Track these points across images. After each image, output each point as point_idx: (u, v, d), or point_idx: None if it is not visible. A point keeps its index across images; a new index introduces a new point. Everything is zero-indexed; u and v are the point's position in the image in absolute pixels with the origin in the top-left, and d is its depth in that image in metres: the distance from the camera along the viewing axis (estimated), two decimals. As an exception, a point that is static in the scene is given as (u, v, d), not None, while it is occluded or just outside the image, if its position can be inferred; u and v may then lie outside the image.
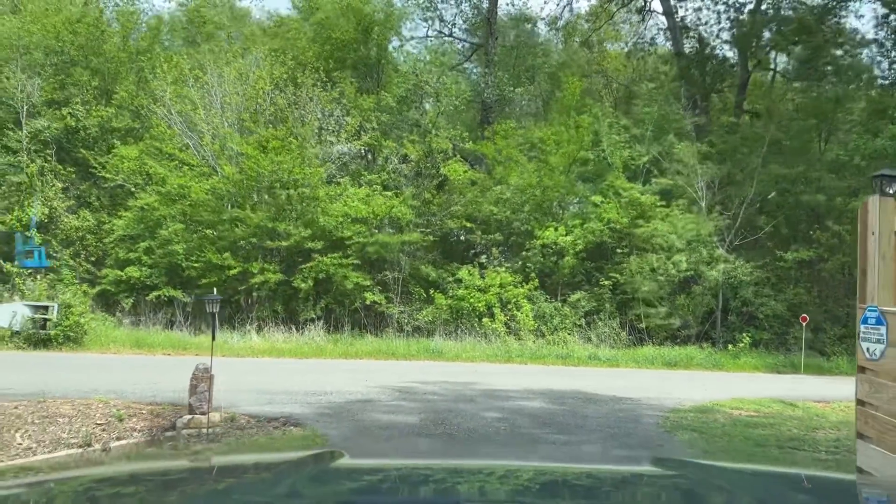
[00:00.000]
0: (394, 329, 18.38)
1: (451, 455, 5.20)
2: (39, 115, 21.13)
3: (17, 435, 6.09)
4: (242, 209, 17.72)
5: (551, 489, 1.68)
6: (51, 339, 12.92)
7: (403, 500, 1.43)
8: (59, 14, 22.20)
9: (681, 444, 5.82)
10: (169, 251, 17.54)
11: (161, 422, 6.23)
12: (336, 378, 9.69)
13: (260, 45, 22.89)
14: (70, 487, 1.63)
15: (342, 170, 20.48)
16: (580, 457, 5.47)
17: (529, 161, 20.52)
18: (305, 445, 5.42)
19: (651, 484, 1.72)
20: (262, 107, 20.21)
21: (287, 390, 8.04)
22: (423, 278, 19.20)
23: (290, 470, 1.81)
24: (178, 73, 20.85)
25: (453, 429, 6.21)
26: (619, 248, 19.26)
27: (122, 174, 19.69)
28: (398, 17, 23.78)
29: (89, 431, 6.01)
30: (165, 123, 19.83)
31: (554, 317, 18.48)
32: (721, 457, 5.44)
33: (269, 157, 17.65)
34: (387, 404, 7.50)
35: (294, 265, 17.85)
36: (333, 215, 17.68)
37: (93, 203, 21.31)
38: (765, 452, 5.44)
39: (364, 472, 1.84)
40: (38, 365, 10.37)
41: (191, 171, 18.90)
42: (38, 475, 2.12)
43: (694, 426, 6.42)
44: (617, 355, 16.22)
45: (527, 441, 5.84)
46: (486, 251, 19.50)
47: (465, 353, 15.55)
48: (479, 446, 5.58)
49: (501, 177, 20.15)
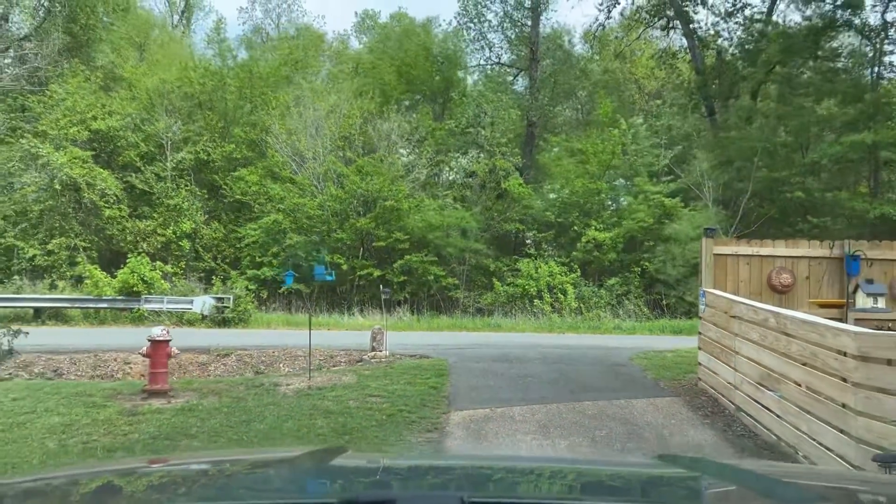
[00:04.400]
0: (461, 310, 23.55)
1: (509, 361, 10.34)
2: (179, 149, 27.05)
3: (280, 366, 11.51)
4: (346, 219, 23.16)
5: (558, 484, 1.67)
6: (227, 321, 18.58)
7: (406, 496, 1.34)
8: (187, 68, 28.05)
9: (633, 364, 10.79)
10: (292, 255, 23.12)
11: (354, 357, 11.56)
12: (434, 338, 14.91)
13: (347, 82, 28.36)
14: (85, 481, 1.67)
15: (420, 185, 25.73)
16: (580, 369, 10.42)
17: (573, 169, 25.39)
18: (436, 365, 10.54)
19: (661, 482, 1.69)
20: (353, 136, 25.63)
21: (412, 343, 13.22)
22: (485, 269, 24.34)
23: (294, 464, 1.79)
24: (283, 108, 26.52)
25: (511, 358, 11.29)
26: (647, 241, 24.00)
27: (248, 195, 25.43)
28: (459, 54, 28.86)
29: (316, 362, 11.33)
30: (276, 152, 25.46)
31: (591, 298, 23.34)
32: (655, 370, 10.32)
33: (365, 179, 23.01)
34: (474, 350, 12.62)
35: (386, 261, 23.20)
36: (416, 223, 22.93)
37: (221, 217, 27.20)
38: (668, 370, 10.36)
39: (367, 467, 1.87)
40: (237, 336, 15.87)
41: (300, 190, 24.46)
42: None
43: (645, 359, 11.31)
44: (636, 326, 20.98)
45: (549, 362, 10.88)
46: (536, 246, 24.52)
47: (518, 327, 20.57)
48: (524, 365, 10.64)
49: (553, 183, 25.15)
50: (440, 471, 1.80)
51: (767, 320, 6.83)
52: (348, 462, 1.87)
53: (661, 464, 1.93)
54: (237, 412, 7.56)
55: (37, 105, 26.08)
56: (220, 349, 12.18)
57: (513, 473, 1.75)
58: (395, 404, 7.92)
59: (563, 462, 2.39)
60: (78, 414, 7.30)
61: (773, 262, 9.18)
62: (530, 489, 1.59)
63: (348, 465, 1.81)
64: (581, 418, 7.39)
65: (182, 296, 18.94)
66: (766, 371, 6.84)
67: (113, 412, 7.50)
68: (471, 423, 7.23)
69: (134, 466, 2.01)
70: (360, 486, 1.57)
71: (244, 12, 48.76)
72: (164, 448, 6.13)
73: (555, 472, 1.81)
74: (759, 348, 7.04)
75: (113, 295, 18.25)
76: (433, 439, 6.62)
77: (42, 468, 5.40)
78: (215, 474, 1.75)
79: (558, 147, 26.33)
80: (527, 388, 8.97)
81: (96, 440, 6.40)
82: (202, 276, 24.93)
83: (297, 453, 1.93)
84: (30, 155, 24.44)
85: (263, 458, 2.10)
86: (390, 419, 7.30)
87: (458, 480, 1.67)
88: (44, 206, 24.25)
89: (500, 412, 7.70)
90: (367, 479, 1.67)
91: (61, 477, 1.73)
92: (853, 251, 8.84)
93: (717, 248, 9.22)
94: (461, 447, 6.41)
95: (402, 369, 10.23)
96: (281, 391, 8.76)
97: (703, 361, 9.03)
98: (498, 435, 6.79)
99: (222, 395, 8.42)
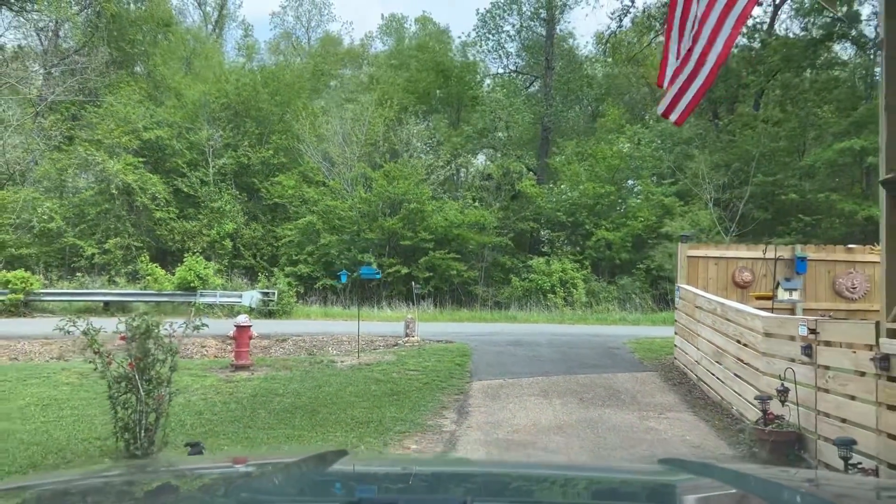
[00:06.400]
0: (480, 304, 25.70)
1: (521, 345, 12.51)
2: (220, 156, 29.43)
3: (329, 349, 13.74)
4: (375, 220, 25.40)
5: (562, 491, 1.66)
6: (273, 312, 20.89)
7: (408, 500, 1.36)
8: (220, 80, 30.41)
9: (625, 348, 12.89)
10: (326, 253, 25.41)
11: (390, 341, 13.77)
12: (456, 327, 17.07)
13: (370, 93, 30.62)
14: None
15: (441, 187, 27.91)
16: (580, 352, 12.50)
17: (583, 172, 27.43)
18: (459, 348, 12.68)
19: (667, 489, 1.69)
20: (378, 142, 27.86)
21: (438, 331, 15.37)
22: (502, 266, 26.48)
23: (295, 468, 1.78)
24: (312, 117, 28.83)
25: (523, 343, 13.41)
26: (650, 239, 25.96)
27: (285, 198, 27.77)
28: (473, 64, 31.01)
29: (358, 346, 13.53)
30: (309, 157, 27.77)
31: (601, 292, 25.37)
32: (642, 352, 12.40)
33: (392, 183, 25.22)
34: (491, 337, 14.76)
35: (412, 258, 25.40)
36: (438, 222, 25.10)
37: (259, 218, 29.59)
38: (653, 352, 12.43)
39: (368, 471, 1.89)
40: (284, 325, 18.13)
41: (332, 193, 26.73)
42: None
43: (636, 344, 13.39)
44: (640, 318, 22.96)
45: (555, 346, 13.00)
46: (550, 244, 26.60)
47: (532, 318, 22.65)
48: (533, 348, 12.77)
49: (564, 185, 27.22)
50: (442, 475, 1.81)
51: (716, 309, 8.89)
52: (350, 466, 1.88)
53: (669, 470, 1.91)
54: (308, 380, 9.79)
55: (92, 115, 28.57)
56: (277, 335, 14.43)
57: (516, 479, 1.76)
58: (428, 376, 10.10)
59: (568, 468, 2.39)
60: (187, 381, 9.53)
61: (736, 262, 11.21)
62: (533, 495, 1.59)
63: (350, 469, 1.82)
64: (574, 386, 9.51)
65: (233, 290, 21.28)
66: (716, 348, 8.90)
67: (214, 380, 9.76)
68: (488, 389, 9.38)
69: (138, 470, 2.04)
70: (362, 490, 1.59)
71: (276, 16, 51.13)
72: (264, 401, 8.35)
73: (559, 478, 1.81)
74: (712, 331, 9.10)
75: (172, 290, 20.63)
76: (460, 398, 8.79)
77: (173, 416, 7.41)
78: (217, 478, 1.78)
79: (569, 151, 28.48)
80: (533, 365, 11.10)
81: (211, 397, 8.64)
82: (243, 273, 27.35)
83: (298, 457, 1.92)
84: (86, 162, 26.97)
85: (265, 462, 2.13)
86: (426, 386, 9.48)
87: (460, 485, 1.67)
88: (100, 209, 26.74)
89: (511, 382, 9.85)
90: (369, 483, 1.68)
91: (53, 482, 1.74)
92: (801, 254, 10.84)
93: (690, 251, 11.26)
94: (480, 404, 8.53)
95: (431, 351, 12.41)
96: (337, 366, 10.99)
97: (678, 344, 11.09)
98: (509, 397, 8.92)
99: (292, 369, 10.67)
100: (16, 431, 6.76)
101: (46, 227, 25.62)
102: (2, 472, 5.41)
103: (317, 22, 45.52)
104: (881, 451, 4.87)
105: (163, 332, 5.70)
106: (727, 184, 25.57)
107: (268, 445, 6.44)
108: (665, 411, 8.25)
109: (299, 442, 6.57)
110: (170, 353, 5.70)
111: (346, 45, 43.43)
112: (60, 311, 20.43)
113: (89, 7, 33.45)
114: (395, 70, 33.17)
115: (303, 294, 25.35)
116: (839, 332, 5.65)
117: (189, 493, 1.57)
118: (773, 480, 1.65)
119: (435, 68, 29.56)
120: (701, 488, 1.65)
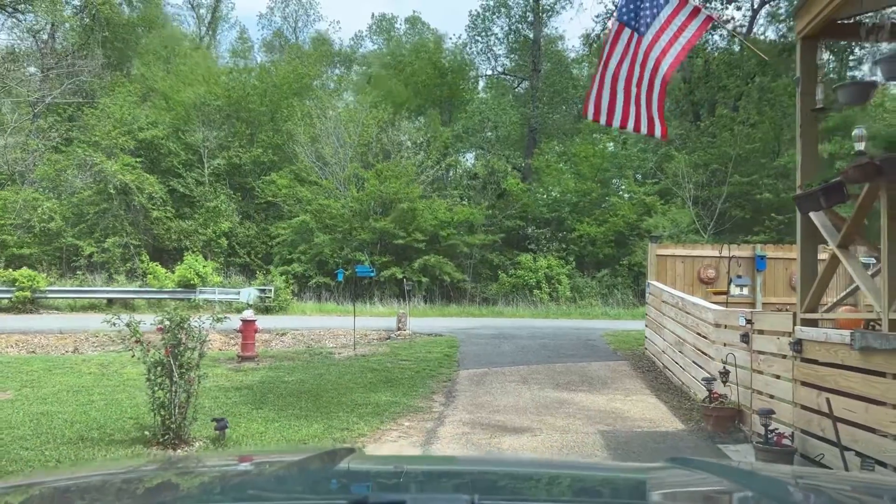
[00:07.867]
0: (468, 299, 26.67)
1: (505, 338, 13.50)
2: (214, 156, 30.20)
3: (326, 342, 14.66)
4: (366, 220, 26.29)
5: (569, 489, 1.67)
6: (269, 308, 21.75)
7: (415, 498, 1.34)
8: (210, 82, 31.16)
9: (601, 339, 13.90)
10: (319, 252, 26.26)
11: (383, 335, 14.71)
12: (445, 322, 18.03)
13: (362, 95, 31.49)
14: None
15: (430, 186, 28.83)
16: (559, 343, 13.48)
17: (566, 171, 28.48)
18: (448, 341, 13.63)
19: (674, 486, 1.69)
20: (370, 143, 28.74)
21: (428, 326, 16.32)
22: (490, 262, 27.46)
23: (302, 466, 1.79)
24: (305, 117, 29.66)
25: (507, 336, 14.39)
26: (631, 236, 27.03)
27: (278, 197, 28.60)
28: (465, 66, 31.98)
29: (352, 339, 14.46)
30: (304, 157, 28.60)
31: (584, 288, 26.42)
32: (617, 344, 13.40)
33: (384, 182, 26.12)
34: (478, 330, 15.73)
35: (403, 257, 26.31)
36: (429, 221, 26.01)
37: (253, 216, 30.40)
38: (626, 343, 13.44)
39: (376, 468, 1.89)
40: (281, 321, 19.00)
41: (324, 192, 27.59)
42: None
43: (613, 336, 14.41)
44: (622, 312, 24.01)
45: (537, 338, 14.00)
46: (535, 241, 27.60)
47: (518, 313, 23.65)
48: (517, 340, 13.75)
49: (547, 184, 28.23)
50: (449, 474, 1.82)
51: (678, 303, 9.89)
52: (357, 464, 1.88)
53: (676, 468, 1.92)
54: (309, 369, 10.72)
55: (89, 117, 29.25)
56: (277, 330, 15.34)
57: (523, 478, 1.76)
58: (419, 365, 11.05)
59: (575, 467, 2.40)
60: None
61: (702, 260, 12.23)
62: (541, 493, 1.57)
63: (357, 467, 1.82)
64: (552, 373, 10.50)
65: (231, 287, 22.14)
66: (678, 338, 9.91)
67: (223, 370, 10.67)
68: (474, 377, 10.35)
69: (144, 467, 2.07)
70: (370, 488, 1.60)
71: (264, 18, 51.87)
72: (272, 387, 9.28)
73: (566, 476, 1.81)
74: (675, 323, 10.11)
75: (173, 287, 21.45)
76: (448, 384, 9.75)
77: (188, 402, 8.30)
78: (223, 476, 1.80)
79: (550, 153, 29.56)
80: (516, 356, 12.08)
81: (223, 383, 9.56)
82: (240, 270, 28.18)
83: (306, 455, 1.93)
84: (84, 162, 27.68)
85: (271, 460, 2.14)
86: (418, 374, 10.43)
87: (467, 483, 1.66)
88: (99, 209, 27.46)
89: (494, 370, 10.83)
90: (377, 480, 1.68)
91: (67, 478, 1.75)
92: (760, 252, 11.87)
93: (660, 250, 12.28)
94: (466, 389, 9.49)
95: (422, 343, 13.38)
96: (336, 357, 11.93)
97: (648, 335, 12.11)
98: (492, 383, 9.89)
99: (294, 360, 11.59)
100: (55, 413, 7.65)
101: (46, 226, 26.33)
102: (57, 442, 6.32)
103: (304, 22, 46.34)
104: (797, 420, 5.86)
105: (193, 324, 6.61)
106: (705, 182, 26.69)
107: (279, 422, 7.37)
108: (631, 394, 9.24)
109: (307, 420, 7.50)
110: (199, 341, 6.62)
111: (336, 45, 44.34)
112: (66, 307, 21.24)
113: (83, 11, 34.08)
114: (390, 69, 34.03)
115: (297, 292, 26.22)
116: (768, 321, 6.65)
117: (197, 491, 1.57)
118: (781, 479, 1.67)
119: (432, 67, 30.60)
120: (708, 487, 1.65)
